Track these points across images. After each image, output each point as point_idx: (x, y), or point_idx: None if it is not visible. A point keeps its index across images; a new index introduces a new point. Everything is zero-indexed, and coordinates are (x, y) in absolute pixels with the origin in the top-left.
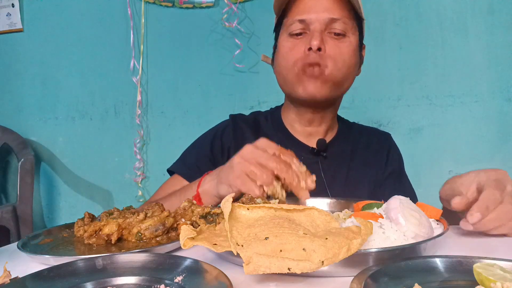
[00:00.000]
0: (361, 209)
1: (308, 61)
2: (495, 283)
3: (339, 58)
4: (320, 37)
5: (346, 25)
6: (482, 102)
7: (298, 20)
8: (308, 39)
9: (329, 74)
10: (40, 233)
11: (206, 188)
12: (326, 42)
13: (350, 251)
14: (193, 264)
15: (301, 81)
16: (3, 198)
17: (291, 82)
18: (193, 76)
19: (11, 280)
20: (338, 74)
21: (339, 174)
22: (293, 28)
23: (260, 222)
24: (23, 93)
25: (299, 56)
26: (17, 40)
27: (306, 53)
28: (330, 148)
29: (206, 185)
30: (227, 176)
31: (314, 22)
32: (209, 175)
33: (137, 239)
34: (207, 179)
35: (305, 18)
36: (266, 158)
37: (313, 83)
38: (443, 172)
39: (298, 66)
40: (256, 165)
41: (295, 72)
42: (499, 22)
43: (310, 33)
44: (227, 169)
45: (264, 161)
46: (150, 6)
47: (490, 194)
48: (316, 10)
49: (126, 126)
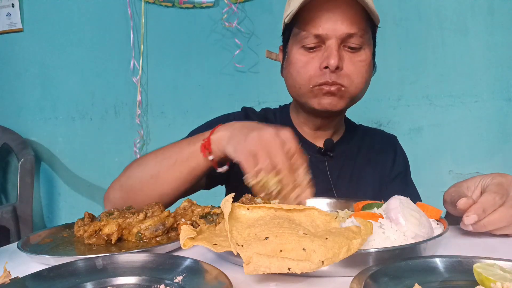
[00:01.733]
0: (361, 209)
1: (325, 80)
2: (495, 283)
3: (356, 75)
4: (337, 56)
5: (363, 38)
6: (482, 102)
7: (314, 35)
8: (323, 55)
9: (347, 91)
10: (40, 233)
11: (218, 136)
12: (342, 59)
13: (350, 251)
14: (193, 264)
15: (317, 96)
16: (3, 198)
17: (305, 95)
18: (193, 76)
19: (11, 280)
20: (355, 90)
21: (345, 173)
22: (307, 42)
23: (260, 222)
24: (23, 93)
25: (314, 73)
26: (17, 40)
27: (323, 70)
28: (337, 148)
29: (219, 134)
30: (238, 142)
31: (331, 37)
32: (223, 126)
33: (137, 239)
34: (221, 129)
35: (321, 33)
36: (276, 150)
37: (330, 99)
38: (443, 172)
39: (314, 83)
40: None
41: (309, 87)
42: (499, 22)
43: (325, 48)
44: (241, 135)
45: (273, 153)
46: (150, 6)
47: (489, 198)
48: (333, 23)
49: (126, 126)
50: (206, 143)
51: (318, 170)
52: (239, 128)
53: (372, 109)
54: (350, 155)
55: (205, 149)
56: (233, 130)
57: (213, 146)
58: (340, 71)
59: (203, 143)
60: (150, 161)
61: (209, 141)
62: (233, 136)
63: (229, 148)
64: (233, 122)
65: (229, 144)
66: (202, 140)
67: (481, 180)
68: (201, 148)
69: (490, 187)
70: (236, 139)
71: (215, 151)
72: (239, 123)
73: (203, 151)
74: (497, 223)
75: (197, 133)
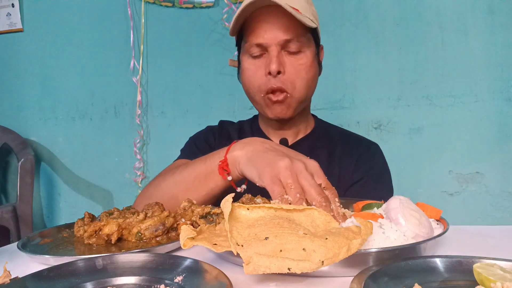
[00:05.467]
0: (361, 209)
1: (270, 87)
2: (495, 283)
3: (299, 78)
4: (277, 61)
5: (300, 42)
6: (482, 102)
7: (256, 44)
8: (267, 62)
9: (292, 97)
10: (40, 233)
11: (234, 157)
12: (284, 63)
13: (350, 251)
14: (193, 264)
15: (268, 105)
16: (3, 198)
17: (259, 104)
18: (193, 76)
19: (11, 280)
20: (300, 94)
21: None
22: (252, 51)
23: (260, 222)
24: (23, 93)
25: (261, 81)
26: (17, 40)
27: (267, 76)
28: (296, 147)
29: (235, 153)
30: (262, 165)
31: (271, 45)
32: (239, 143)
33: (137, 239)
34: (237, 146)
35: (262, 42)
36: (310, 184)
37: (279, 107)
38: (443, 172)
39: (262, 91)
40: (297, 182)
41: (261, 96)
42: (499, 22)
43: (268, 55)
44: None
45: (307, 186)
46: (150, 6)
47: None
48: (271, 32)
49: (126, 126)
50: (223, 163)
51: None
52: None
53: (372, 109)
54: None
55: (223, 171)
56: (253, 151)
57: (231, 167)
58: (283, 75)
59: (220, 164)
60: (169, 183)
61: (226, 161)
62: (254, 158)
63: (250, 171)
64: (248, 139)
65: (250, 167)
66: (219, 160)
67: None
68: (219, 170)
69: None
70: (260, 163)
71: (233, 171)
72: (257, 142)
73: (221, 173)
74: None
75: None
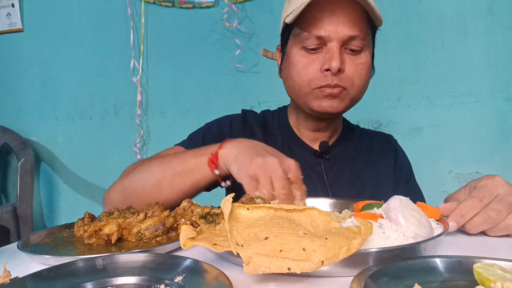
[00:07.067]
0: (361, 209)
1: (327, 83)
2: (495, 283)
3: (357, 78)
4: (339, 58)
5: (364, 41)
6: (482, 102)
7: (316, 36)
8: (324, 57)
9: (348, 93)
10: (40, 233)
11: (225, 153)
12: (344, 61)
13: (350, 251)
14: (193, 264)
15: (317, 98)
16: (3, 198)
17: (305, 96)
18: (193, 76)
19: (11, 280)
20: (356, 93)
21: (341, 175)
22: (308, 43)
23: (260, 222)
24: (23, 93)
25: (315, 75)
26: (17, 40)
27: (324, 73)
28: (333, 150)
29: (226, 150)
30: (243, 164)
31: (333, 39)
32: (231, 142)
33: (137, 239)
34: (229, 145)
35: (323, 35)
36: (278, 178)
37: (330, 101)
38: (443, 172)
39: (315, 85)
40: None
41: (310, 89)
42: (499, 22)
43: (327, 50)
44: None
45: (274, 180)
46: (150, 6)
47: (467, 203)
48: (335, 25)
49: (126, 126)
50: (214, 157)
51: (314, 173)
52: (246, 148)
53: (372, 109)
54: (346, 156)
55: (212, 164)
56: (240, 149)
57: (220, 162)
58: (342, 73)
59: (210, 157)
60: (154, 168)
61: (217, 155)
62: (239, 155)
63: (233, 167)
64: (242, 139)
65: (234, 163)
66: (210, 154)
67: (471, 184)
68: (209, 162)
69: (473, 191)
70: (241, 160)
71: (222, 166)
72: (247, 142)
73: (210, 166)
74: (479, 226)
75: (196, 136)
